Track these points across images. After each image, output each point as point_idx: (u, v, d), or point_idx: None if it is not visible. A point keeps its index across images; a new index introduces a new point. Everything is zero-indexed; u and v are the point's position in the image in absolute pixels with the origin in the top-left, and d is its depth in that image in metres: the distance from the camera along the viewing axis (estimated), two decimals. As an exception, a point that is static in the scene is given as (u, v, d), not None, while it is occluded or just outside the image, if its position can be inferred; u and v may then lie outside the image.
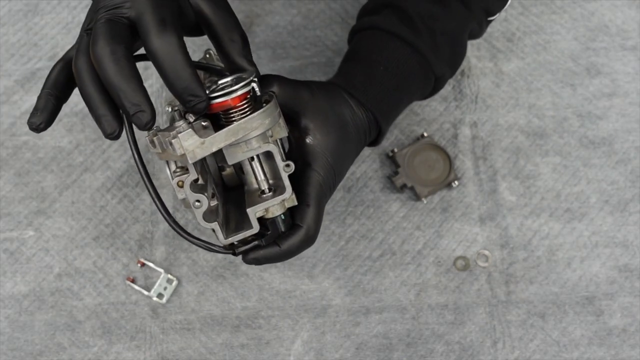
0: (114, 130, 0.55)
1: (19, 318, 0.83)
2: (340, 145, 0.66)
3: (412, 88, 0.75)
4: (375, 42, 0.74)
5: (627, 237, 0.85)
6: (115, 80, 0.53)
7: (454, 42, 0.76)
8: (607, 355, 0.81)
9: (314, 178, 0.64)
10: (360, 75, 0.72)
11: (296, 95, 0.64)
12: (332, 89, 0.69)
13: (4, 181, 0.88)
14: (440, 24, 0.73)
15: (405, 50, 0.73)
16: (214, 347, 0.82)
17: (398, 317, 0.83)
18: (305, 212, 0.63)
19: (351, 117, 0.69)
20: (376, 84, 0.71)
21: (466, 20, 0.76)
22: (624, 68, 0.92)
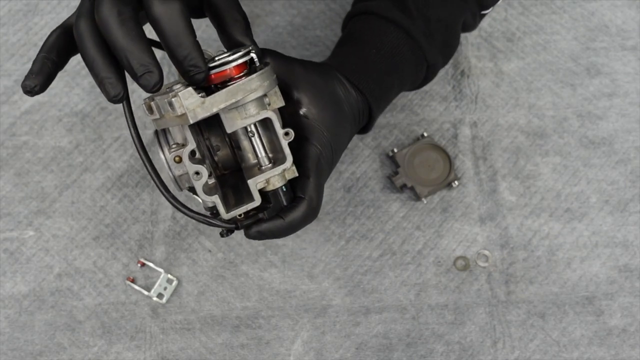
0: (119, 93, 0.54)
1: (19, 318, 0.83)
2: (336, 121, 0.66)
3: (404, 73, 0.75)
4: (368, 26, 0.74)
5: (627, 237, 0.85)
6: (123, 42, 0.52)
7: (447, 31, 0.76)
8: (607, 355, 0.81)
9: (312, 151, 0.63)
10: (353, 57, 0.72)
11: (290, 69, 0.64)
12: (326, 68, 0.69)
13: (4, 181, 0.88)
14: (434, 11, 0.74)
15: (398, 34, 0.73)
16: (214, 347, 0.82)
17: (398, 317, 0.83)
18: (306, 184, 0.62)
19: (345, 96, 0.69)
20: (368, 66, 0.71)
21: (460, 9, 0.77)
22: (624, 68, 0.92)
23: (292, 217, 0.61)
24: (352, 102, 0.69)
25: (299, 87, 0.64)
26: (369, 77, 0.71)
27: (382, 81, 0.73)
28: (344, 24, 0.79)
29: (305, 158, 0.63)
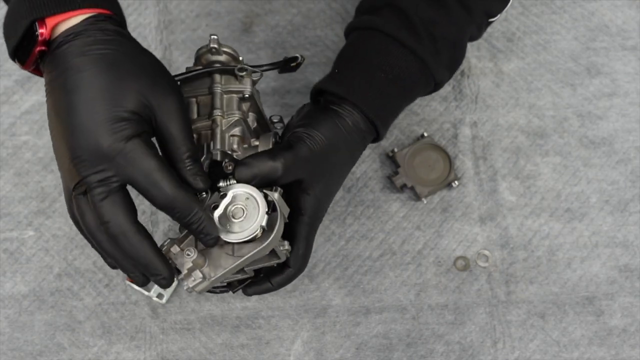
0: (145, 284, 0.63)
1: (19, 318, 0.83)
2: (334, 184, 0.71)
3: (412, 94, 0.76)
4: (375, 45, 0.73)
5: (627, 237, 0.85)
6: (135, 256, 0.59)
7: (454, 47, 0.75)
8: (607, 356, 0.81)
9: (303, 228, 0.68)
10: (360, 80, 0.72)
11: (297, 168, 0.66)
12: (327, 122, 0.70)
13: (4, 181, 0.88)
14: (440, 29, 0.73)
15: (406, 56, 0.72)
16: (214, 347, 0.82)
17: (398, 317, 0.83)
18: (294, 252, 0.68)
19: (346, 141, 0.70)
20: (376, 91, 0.71)
21: (467, 24, 0.75)
22: (624, 68, 0.92)
23: (279, 281, 0.70)
24: (354, 141, 0.71)
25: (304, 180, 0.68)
26: (377, 103, 0.71)
27: (390, 104, 0.73)
28: (346, 32, 0.78)
29: (297, 233, 0.68)
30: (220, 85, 0.69)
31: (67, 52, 0.58)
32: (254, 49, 0.94)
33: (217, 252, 0.63)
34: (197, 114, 0.69)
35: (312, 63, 0.93)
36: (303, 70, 0.92)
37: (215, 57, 0.71)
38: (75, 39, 0.59)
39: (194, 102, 0.69)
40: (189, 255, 0.61)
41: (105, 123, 0.56)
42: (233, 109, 0.69)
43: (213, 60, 0.71)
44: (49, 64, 0.60)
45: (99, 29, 0.59)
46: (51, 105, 0.60)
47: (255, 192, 0.62)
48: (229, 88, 0.69)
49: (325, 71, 0.92)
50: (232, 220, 0.62)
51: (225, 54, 0.71)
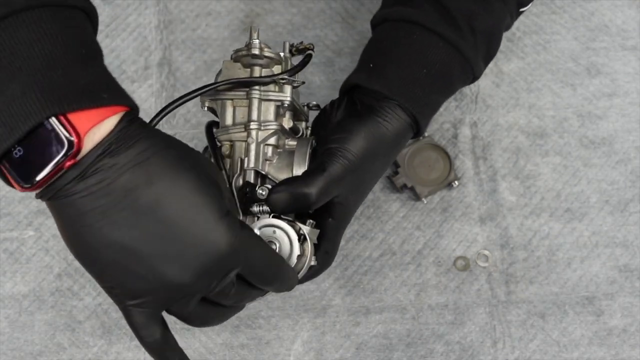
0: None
1: (19, 318, 0.83)
2: (365, 194, 0.70)
3: (453, 88, 0.74)
4: (413, 39, 0.69)
5: (627, 237, 0.85)
6: None
7: (491, 40, 0.73)
8: (608, 356, 0.81)
9: (332, 226, 0.67)
10: (402, 77, 0.68)
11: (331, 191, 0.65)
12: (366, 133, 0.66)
13: (4, 181, 0.88)
14: (480, 22, 0.70)
15: (448, 51, 0.69)
16: (214, 347, 0.82)
17: (398, 317, 0.83)
18: (321, 252, 0.67)
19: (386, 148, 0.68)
20: (419, 89, 0.69)
21: (503, 15, 0.73)
22: (624, 68, 0.92)
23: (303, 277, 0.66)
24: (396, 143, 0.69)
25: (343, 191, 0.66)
26: (419, 100, 0.69)
27: (433, 102, 0.71)
28: (375, 22, 0.74)
29: (323, 233, 0.66)
30: (258, 93, 0.65)
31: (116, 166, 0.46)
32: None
33: None
34: (233, 119, 0.66)
35: (312, 63, 0.92)
36: (303, 71, 0.91)
37: (256, 60, 0.66)
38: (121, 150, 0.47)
39: (230, 105, 0.66)
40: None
41: (219, 221, 0.50)
42: (270, 118, 0.65)
43: (253, 63, 0.66)
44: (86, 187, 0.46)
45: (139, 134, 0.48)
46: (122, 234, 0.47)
47: (286, 228, 0.61)
48: (268, 96, 0.66)
49: (325, 71, 0.92)
50: None
51: (267, 58, 0.67)
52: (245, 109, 0.66)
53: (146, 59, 0.93)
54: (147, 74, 0.92)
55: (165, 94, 0.91)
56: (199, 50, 0.93)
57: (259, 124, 0.65)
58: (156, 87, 0.92)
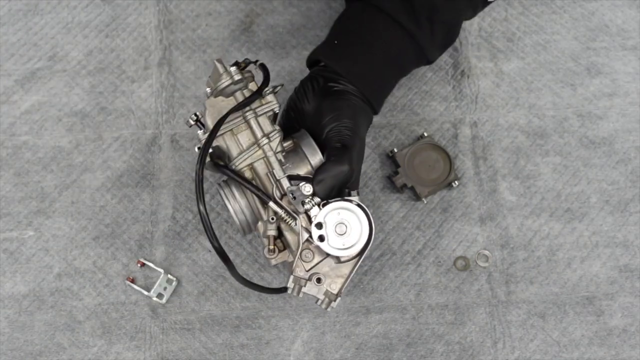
0: None
1: (19, 318, 0.83)
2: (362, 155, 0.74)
3: (405, 71, 0.82)
4: (376, 25, 0.77)
5: (627, 237, 0.85)
6: None
7: (449, 31, 0.80)
8: (608, 356, 0.81)
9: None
10: (360, 59, 0.76)
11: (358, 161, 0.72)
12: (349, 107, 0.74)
13: (4, 181, 0.88)
14: (440, 15, 0.77)
15: (404, 39, 0.77)
16: (214, 347, 0.82)
17: (398, 317, 0.82)
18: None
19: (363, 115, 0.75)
20: (374, 72, 0.76)
21: (466, 9, 0.79)
22: (624, 68, 0.92)
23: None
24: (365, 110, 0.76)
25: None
26: (375, 85, 0.77)
27: (386, 83, 0.79)
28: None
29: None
30: (253, 112, 0.69)
31: None
32: (254, 48, 0.94)
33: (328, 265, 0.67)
34: (241, 146, 0.70)
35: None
36: (303, 70, 0.92)
37: (237, 85, 0.69)
38: None
39: (231, 135, 0.70)
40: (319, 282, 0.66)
41: None
42: (270, 129, 0.70)
43: (236, 88, 0.69)
44: None
45: None
46: None
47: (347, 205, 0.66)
48: (260, 111, 0.70)
49: (325, 71, 0.92)
50: (336, 234, 0.65)
51: (245, 79, 0.70)
52: (247, 131, 0.70)
53: (146, 59, 0.93)
54: (147, 74, 0.92)
55: (165, 93, 0.91)
56: (199, 50, 0.93)
57: (267, 137, 0.69)
58: (156, 87, 0.92)
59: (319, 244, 0.65)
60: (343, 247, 0.65)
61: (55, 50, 0.94)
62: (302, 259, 0.67)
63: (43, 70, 0.93)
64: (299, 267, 0.66)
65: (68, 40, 0.94)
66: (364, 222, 0.65)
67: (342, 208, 0.65)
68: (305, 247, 0.67)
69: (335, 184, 0.67)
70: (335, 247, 0.65)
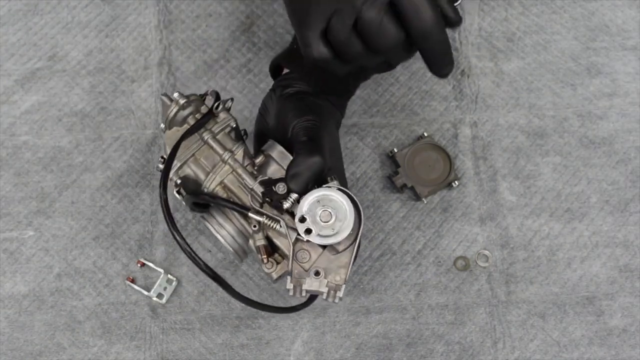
0: None
1: (19, 318, 0.83)
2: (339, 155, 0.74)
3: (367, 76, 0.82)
4: None
5: (627, 237, 0.85)
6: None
7: None
8: (608, 356, 0.81)
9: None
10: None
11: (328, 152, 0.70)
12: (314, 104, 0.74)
13: (4, 181, 0.88)
14: None
15: None
16: (214, 347, 0.82)
17: (398, 317, 0.82)
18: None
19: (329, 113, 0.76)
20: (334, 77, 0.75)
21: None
22: (624, 68, 0.92)
23: None
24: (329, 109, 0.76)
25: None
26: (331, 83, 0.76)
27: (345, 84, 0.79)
28: None
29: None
30: (208, 132, 0.70)
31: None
32: (254, 49, 0.94)
33: (326, 259, 0.65)
34: (206, 168, 0.69)
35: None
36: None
37: (185, 111, 0.70)
38: None
39: (193, 161, 0.70)
40: (318, 275, 0.64)
41: None
42: (231, 143, 0.70)
43: (186, 114, 0.70)
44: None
45: None
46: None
47: (327, 192, 0.64)
48: (217, 129, 0.70)
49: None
50: (322, 224, 0.63)
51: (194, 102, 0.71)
52: (209, 151, 0.70)
53: (146, 59, 0.93)
54: (146, 74, 0.92)
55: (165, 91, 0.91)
56: (199, 50, 0.93)
57: (228, 152, 0.69)
58: (156, 86, 0.92)
59: (307, 237, 0.63)
60: (333, 232, 0.63)
61: (55, 50, 0.94)
62: (298, 260, 0.65)
63: (43, 70, 0.93)
64: (296, 269, 0.65)
65: (68, 40, 0.94)
66: (347, 203, 0.63)
67: (322, 195, 0.64)
68: (299, 248, 0.65)
69: (309, 176, 0.65)
70: (324, 235, 0.63)
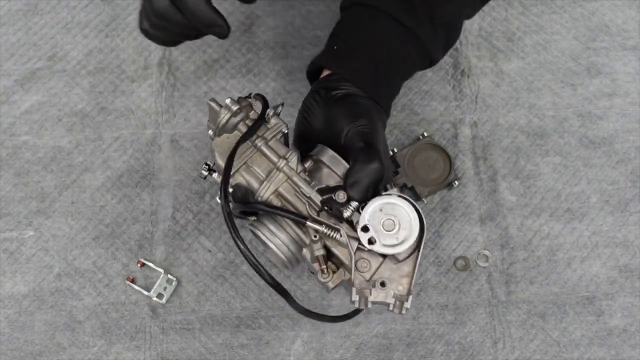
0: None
1: (19, 318, 0.83)
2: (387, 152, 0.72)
3: (410, 72, 0.80)
4: (375, 25, 0.75)
5: (627, 237, 0.85)
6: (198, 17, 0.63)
7: (449, 29, 0.79)
8: (608, 356, 0.81)
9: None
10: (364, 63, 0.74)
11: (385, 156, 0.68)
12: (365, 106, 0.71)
13: (4, 181, 0.88)
14: (439, 12, 0.75)
15: (407, 39, 0.75)
16: (214, 347, 0.82)
17: (398, 317, 0.82)
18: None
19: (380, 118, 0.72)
20: (377, 73, 0.74)
21: (464, 5, 0.79)
22: (624, 68, 0.92)
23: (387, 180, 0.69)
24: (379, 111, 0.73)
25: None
26: (379, 85, 0.74)
27: (391, 84, 0.76)
28: (343, 5, 0.79)
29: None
30: (260, 139, 0.66)
31: None
32: (254, 49, 0.94)
33: (388, 268, 0.63)
34: (260, 176, 0.66)
35: (312, 63, 0.93)
36: (303, 70, 0.92)
37: (237, 117, 0.67)
38: None
39: (245, 169, 0.66)
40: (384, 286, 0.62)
41: None
42: (284, 149, 0.67)
43: (237, 121, 0.67)
44: None
45: None
46: None
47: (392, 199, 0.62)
48: (269, 135, 0.67)
49: (325, 71, 0.92)
50: (385, 233, 0.61)
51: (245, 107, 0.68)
52: (262, 159, 0.66)
53: (146, 59, 0.93)
54: (146, 74, 0.92)
55: (165, 93, 0.91)
56: (199, 50, 0.93)
57: (284, 159, 0.66)
58: (156, 86, 0.92)
59: (371, 247, 0.61)
60: (397, 241, 0.61)
61: (55, 50, 0.94)
62: (359, 270, 0.63)
63: (43, 70, 0.93)
64: (357, 279, 0.63)
65: (68, 40, 0.94)
66: (410, 211, 0.62)
67: (384, 203, 0.62)
68: (359, 257, 0.63)
69: (369, 183, 0.63)
70: (388, 244, 0.61)
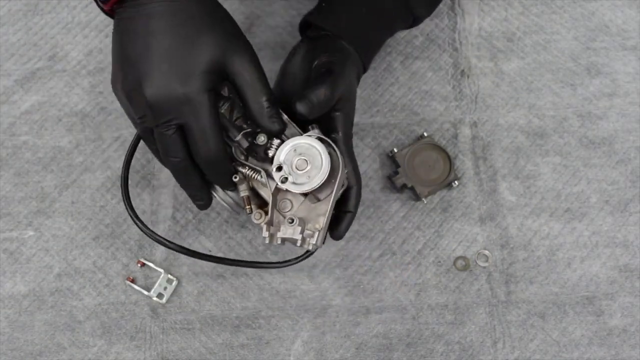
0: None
1: (19, 318, 0.83)
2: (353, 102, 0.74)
3: (392, 27, 0.83)
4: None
5: (627, 237, 0.85)
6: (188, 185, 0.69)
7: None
8: (608, 356, 0.81)
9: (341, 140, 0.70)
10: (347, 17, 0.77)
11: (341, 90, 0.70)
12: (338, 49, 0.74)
13: (4, 181, 0.88)
14: None
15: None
16: (214, 347, 0.82)
17: (398, 317, 0.82)
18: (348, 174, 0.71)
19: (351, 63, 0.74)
20: (359, 26, 0.77)
21: None
22: (624, 68, 0.92)
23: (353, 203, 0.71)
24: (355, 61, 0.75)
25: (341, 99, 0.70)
26: (362, 38, 0.77)
27: (373, 38, 0.79)
28: None
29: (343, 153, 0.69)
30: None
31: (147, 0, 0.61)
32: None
33: (306, 208, 0.67)
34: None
35: (312, 63, 0.93)
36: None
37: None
38: None
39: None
40: (292, 222, 0.65)
41: (181, 75, 0.60)
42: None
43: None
44: (128, 8, 0.62)
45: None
46: (122, 46, 0.62)
47: (306, 140, 0.65)
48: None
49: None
50: (298, 172, 0.65)
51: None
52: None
53: (146, 59, 0.93)
54: (147, 74, 0.92)
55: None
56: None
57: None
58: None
59: (282, 185, 0.64)
60: (308, 179, 0.64)
61: (55, 50, 0.94)
62: (280, 210, 0.67)
63: (43, 70, 0.93)
64: (277, 218, 0.67)
65: (68, 40, 0.94)
66: (323, 151, 0.65)
67: (298, 144, 0.65)
68: (282, 197, 0.67)
69: (316, 102, 0.66)
70: (300, 183, 0.64)
